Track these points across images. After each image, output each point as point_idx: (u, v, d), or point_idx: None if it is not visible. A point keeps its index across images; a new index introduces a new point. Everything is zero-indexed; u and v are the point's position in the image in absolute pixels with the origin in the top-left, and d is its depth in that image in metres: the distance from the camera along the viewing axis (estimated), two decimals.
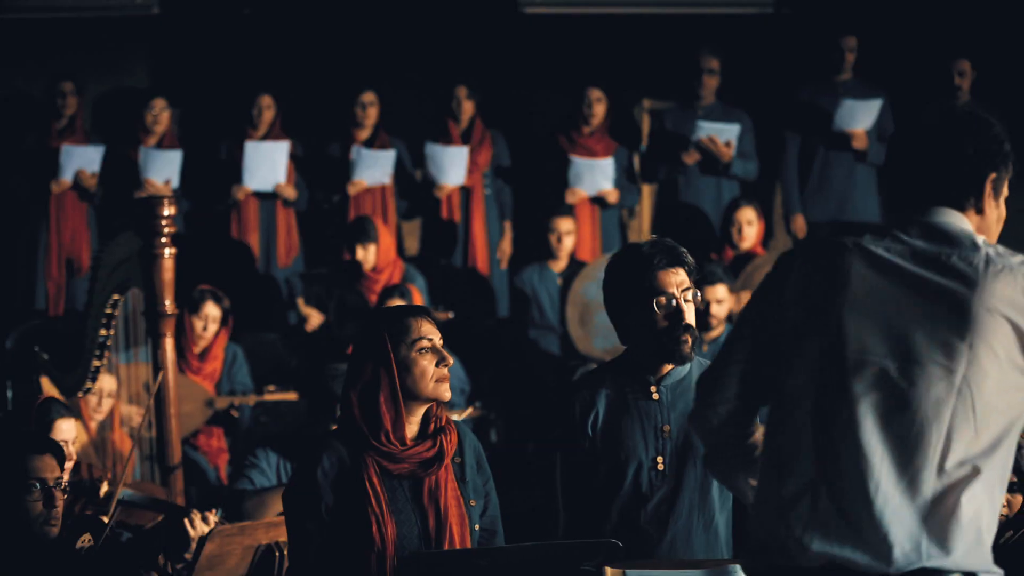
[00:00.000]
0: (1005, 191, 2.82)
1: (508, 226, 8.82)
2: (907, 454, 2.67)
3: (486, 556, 3.43)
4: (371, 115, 8.61)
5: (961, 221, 2.77)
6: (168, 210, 5.41)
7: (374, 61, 9.09)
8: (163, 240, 5.39)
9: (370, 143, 8.60)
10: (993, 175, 2.78)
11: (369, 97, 8.61)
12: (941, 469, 2.66)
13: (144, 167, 8.46)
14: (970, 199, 2.78)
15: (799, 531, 2.71)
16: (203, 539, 4.46)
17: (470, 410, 7.11)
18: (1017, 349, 2.67)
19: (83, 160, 8.45)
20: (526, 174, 8.84)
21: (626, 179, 8.71)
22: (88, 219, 8.55)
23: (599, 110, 8.57)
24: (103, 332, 5.54)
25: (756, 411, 2.93)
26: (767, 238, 8.87)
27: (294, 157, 8.62)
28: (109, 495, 4.73)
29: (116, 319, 5.58)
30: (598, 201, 8.56)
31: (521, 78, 9.16)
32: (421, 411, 3.56)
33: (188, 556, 4.43)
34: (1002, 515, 4.00)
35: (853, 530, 2.68)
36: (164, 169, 8.46)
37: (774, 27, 9.06)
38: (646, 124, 9.20)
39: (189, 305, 7.34)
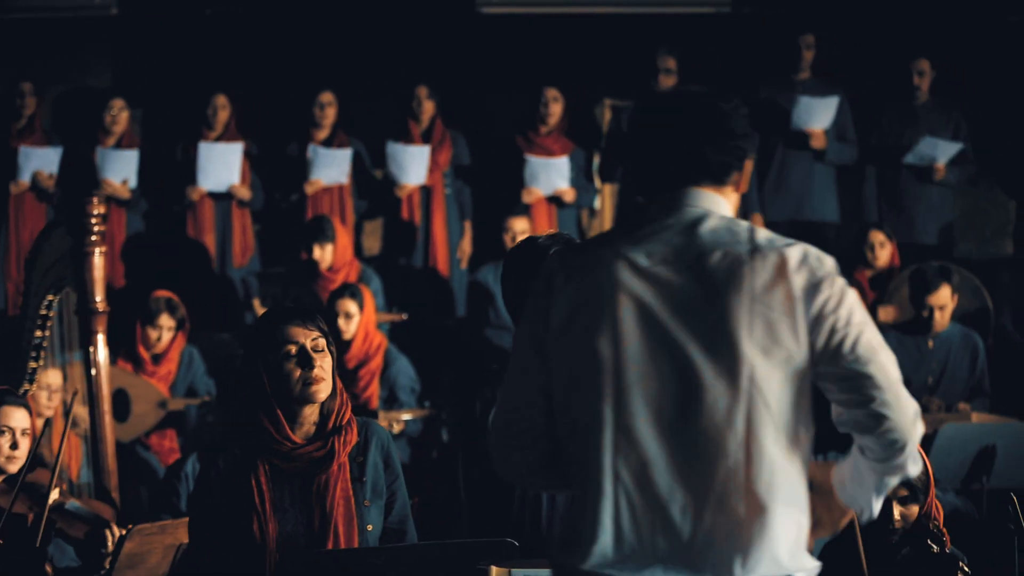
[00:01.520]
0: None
1: (468, 226, 8.82)
2: (706, 465, 2.58)
3: (381, 555, 3.43)
4: (329, 115, 8.63)
5: (720, 205, 2.70)
6: (98, 208, 5.41)
7: (333, 62, 9.09)
8: (93, 238, 5.39)
9: (328, 143, 8.62)
10: (753, 156, 2.76)
11: (327, 97, 8.62)
12: (747, 474, 2.58)
13: (101, 167, 8.48)
14: (733, 175, 2.72)
15: (587, 536, 2.64)
16: (122, 538, 4.47)
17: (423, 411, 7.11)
18: (792, 329, 2.60)
19: (41, 161, 8.47)
20: (486, 174, 8.84)
21: (584, 178, 8.71)
22: (47, 220, 8.54)
23: (555, 109, 8.57)
24: (39, 333, 5.53)
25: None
26: None
27: (251, 157, 8.64)
28: (59, 504, 4.73)
29: (52, 319, 5.58)
30: (555, 200, 8.56)
31: (480, 78, 9.17)
32: (309, 411, 3.58)
33: (106, 565, 4.45)
34: (898, 527, 3.99)
35: (654, 545, 2.60)
36: (121, 169, 8.47)
37: (733, 26, 9.05)
38: (607, 122, 9.19)
39: (144, 315, 7.34)
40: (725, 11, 8.84)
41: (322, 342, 3.58)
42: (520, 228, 8.03)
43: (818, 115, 8.40)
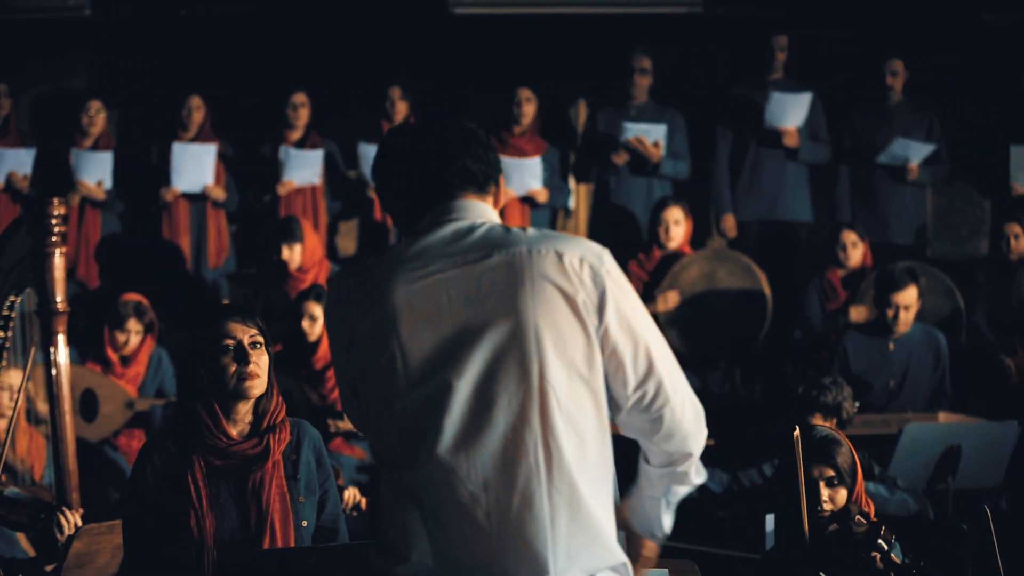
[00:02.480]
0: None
1: None
2: (508, 467, 2.61)
3: (314, 554, 3.45)
4: (302, 116, 8.65)
5: (490, 213, 2.79)
6: (58, 209, 5.41)
7: (307, 63, 9.10)
8: (54, 239, 5.39)
9: (301, 144, 8.63)
10: (501, 174, 2.85)
11: (300, 98, 8.64)
12: (548, 471, 2.61)
13: (76, 169, 8.51)
14: (491, 187, 2.81)
15: (402, 547, 2.67)
16: (71, 538, 4.48)
17: None
18: (577, 326, 2.65)
19: (15, 163, 8.50)
20: None
21: (558, 179, 8.71)
22: None
23: (528, 110, 8.57)
24: (0, 334, 5.54)
25: None
26: (703, 237, 8.87)
27: (225, 158, 8.66)
28: None
29: (14, 320, 5.59)
30: (528, 201, 8.55)
31: (454, 79, 9.17)
32: (244, 408, 3.64)
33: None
34: (826, 510, 4.00)
35: (470, 553, 2.63)
36: (96, 170, 8.50)
37: (708, 27, 9.05)
38: (582, 122, 9.19)
39: (112, 318, 7.35)
40: (697, 11, 8.83)
41: (260, 340, 3.64)
42: None
43: (791, 112, 8.40)
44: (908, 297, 6.95)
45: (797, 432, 3.90)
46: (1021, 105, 8.50)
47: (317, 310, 7.04)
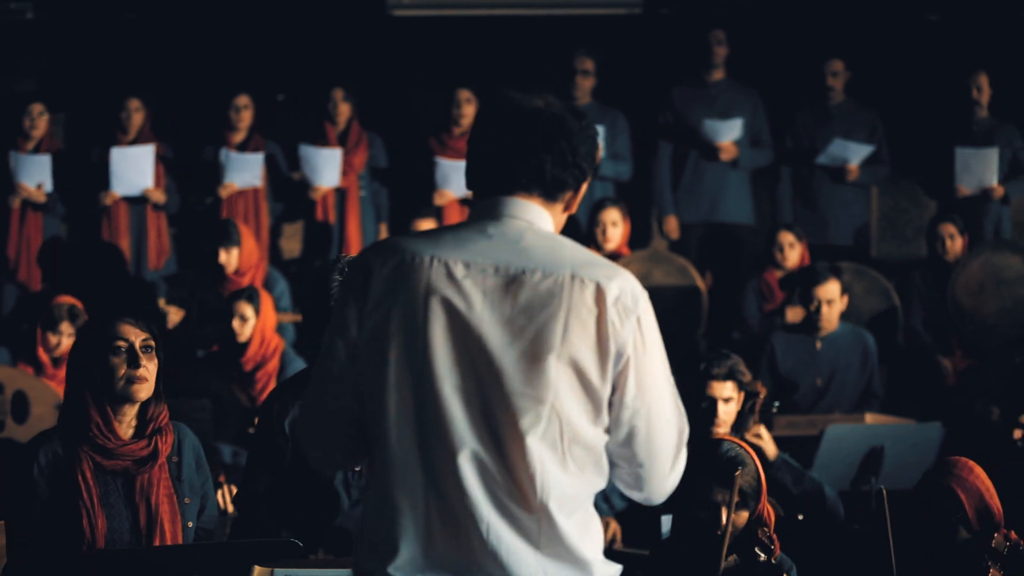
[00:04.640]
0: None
1: (384, 228, 8.83)
2: (508, 487, 2.59)
3: (161, 553, 3.47)
4: (245, 118, 8.64)
5: (544, 220, 2.65)
6: None
7: (249, 65, 9.10)
8: None
9: (244, 146, 8.64)
10: (589, 179, 2.70)
11: (243, 100, 8.64)
12: (542, 497, 2.58)
13: (15, 172, 8.51)
14: (566, 193, 2.67)
15: (391, 544, 2.62)
16: None
17: None
18: (596, 364, 2.59)
19: None
20: (402, 176, 8.85)
21: None
22: None
23: (468, 111, 8.57)
24: None
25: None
26: (645, 239, 8.86)
27: (167, 160, 8.66)
28: None
29: None
30: (468, 203, 8.56)
31: (396, 80, 9.18)
32: (131, 411, 3.67)
33: None
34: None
35: (466, 551, 2.60)
36: (35, 173, 8.51)
37: (649, 27, 9.05)
38: None
39: (45, 321, 7.35)
40: (636, 12, 8.83)
41: (152, 344, 3.67)
42: (427, 229, 8.01)
43: (724, 132, 8.39)
44: (830, 291, 6.92)
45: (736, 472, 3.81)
46: (966, 106, 8.47)
47: (248, 310, 7.04)
